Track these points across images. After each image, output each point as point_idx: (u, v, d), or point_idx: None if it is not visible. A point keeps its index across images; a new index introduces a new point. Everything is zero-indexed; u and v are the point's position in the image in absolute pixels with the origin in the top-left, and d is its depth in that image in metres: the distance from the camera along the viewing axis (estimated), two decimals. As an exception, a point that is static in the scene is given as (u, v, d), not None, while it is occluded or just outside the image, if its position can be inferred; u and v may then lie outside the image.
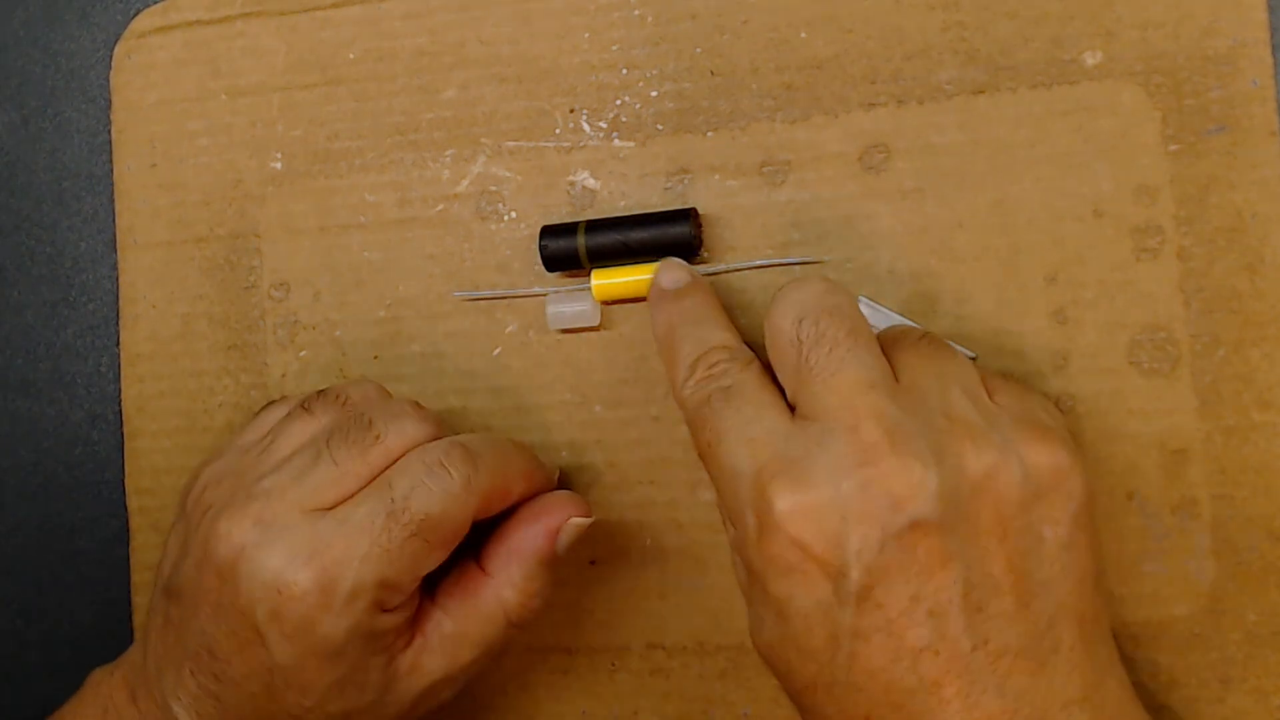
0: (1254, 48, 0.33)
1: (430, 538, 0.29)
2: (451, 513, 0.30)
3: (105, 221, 0.41)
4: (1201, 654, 0.33)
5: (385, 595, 0.29)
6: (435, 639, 0.31)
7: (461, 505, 0.30)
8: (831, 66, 0.36)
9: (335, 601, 0.29)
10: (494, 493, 0.31)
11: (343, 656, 0.29)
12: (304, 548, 0.29)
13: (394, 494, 0.30)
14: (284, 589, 0.29)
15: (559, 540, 0.32)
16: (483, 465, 0.30)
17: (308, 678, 0.29)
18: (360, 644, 0.29)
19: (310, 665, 0.29)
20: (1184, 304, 0.33)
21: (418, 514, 0.29)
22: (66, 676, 0.34)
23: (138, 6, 0.41)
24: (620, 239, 0.35)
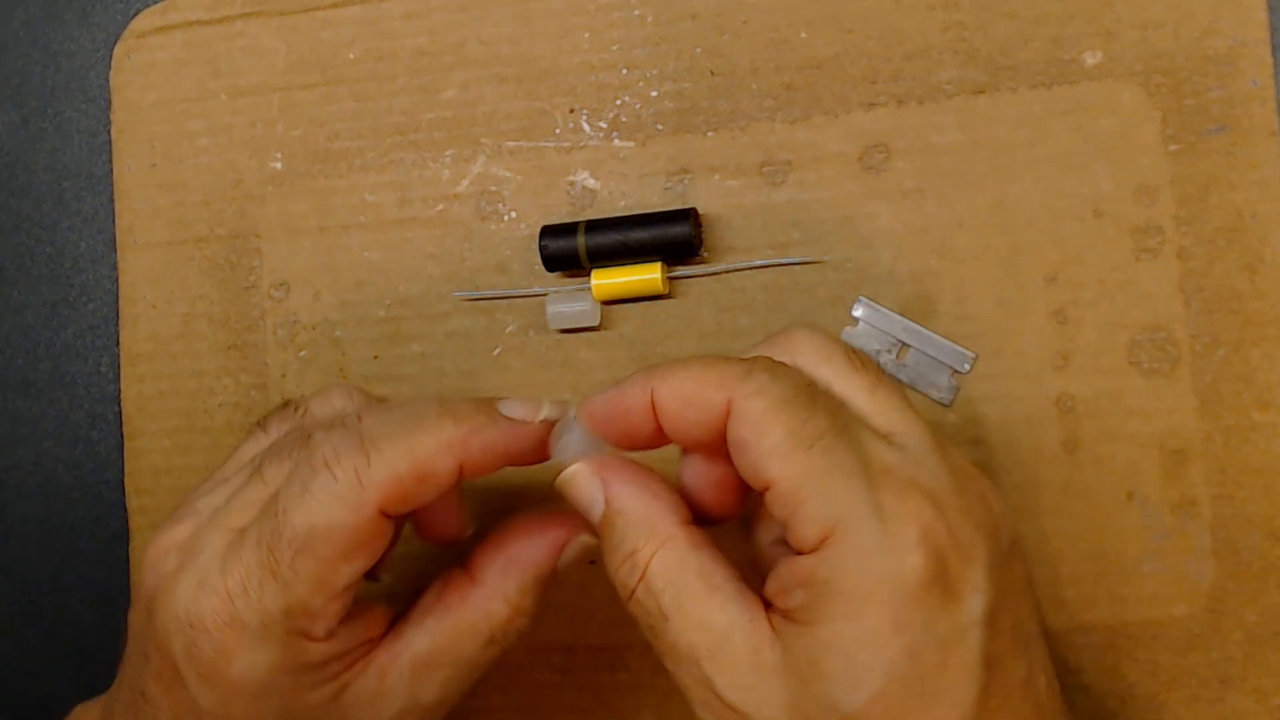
0: (1254, 48, 0.33)
1: (323, 551, 0.25)
2: (340, 519, 0.25)
3: (105, 221, 0.41)
4: (1201, 654, 0.33)
5: (302, 623, 0.26)
6: (404, 660, 0.28)
7: (351, 508, 0.25)
8: (831, 66, 0.36)
9: (246, 636, 0.25)
10: (402, 482, 0.26)
11: (272, 694, 0.26)
12: (213, 575, 0.26)
13: (277, 508, 0.26)
14: (194, 623, 0.26)
15: (563, 556, 0.29)
16: (377, 452, 0.26)
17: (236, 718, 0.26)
18: (291, 679, 0.26)
19: (235, 708, 0.26)
20: (1184, 304, 0.33)
21: (300, 529, 0.25)
22: (66, 676, 0.34)
23: (138, 6, 0.41)
24: (620, 239, 0.35)
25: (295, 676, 0.26)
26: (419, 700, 0.28)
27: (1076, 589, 0.34)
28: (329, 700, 0.27)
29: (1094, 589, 0.34)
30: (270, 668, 0.26)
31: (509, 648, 0.29)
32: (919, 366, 0.35)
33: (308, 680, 0.26)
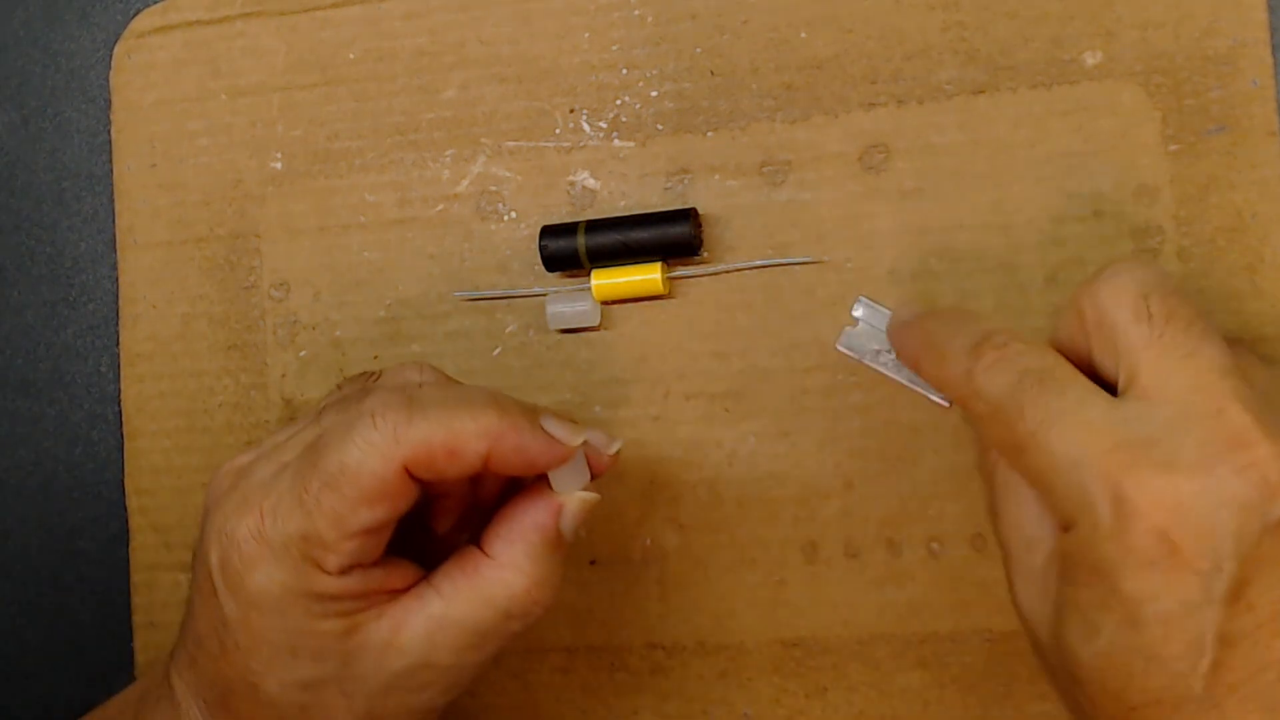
0: (1254, 48, 0.33)
1: (347, 491, 0.27)
2: (369, 464, 0.27)
3: (105, 221, 0.41)
4: (1201, 654, 0.33)
5: (314, 551, 0.27)
6: (419, 618, 0.28)
7: (382, 457, 0.27)
8: (831, 66, 0.36)
9: (268, 552, 0.27)
10: (432, 448, 0.27)
11: (283, 615, 0.27)
12: (254, 495, 0.28)
13: (319, 444, 0.28)
14: (229, 535, 0.28)
15: (563, 518, 0.30)
16: (421, 416, 0.27)
17: (252, 636, 0.28)
18: (302, 604, 0.27)
19: (253, 620, 0.28)
20: (1184, 304, 0.33)
21: (331, 465, 0.27)
22: (66, 676, 0.33)
23: (138, 6, 0.41)
24: (620, 239, 0.35)
25: (306, 602, 0.27)
26: (432, 660, 0.28)
27: (1076, 589, 0.34)
28: (339, 634, 0.28)
29: (1094, 589, 0.34)
30: (284, 587, 0.27)
31: (531, 622, 0.29)
32: (919, 366, 0.35)
33: (318, 608, 0.28)
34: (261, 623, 0.28)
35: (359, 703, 0.28)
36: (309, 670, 0.28)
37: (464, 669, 0.29)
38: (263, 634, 0.28)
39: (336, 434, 0.28)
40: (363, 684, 0.28)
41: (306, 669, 0.28)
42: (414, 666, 0.28)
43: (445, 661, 0.29)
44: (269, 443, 0.31)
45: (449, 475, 0.28)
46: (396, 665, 0.28)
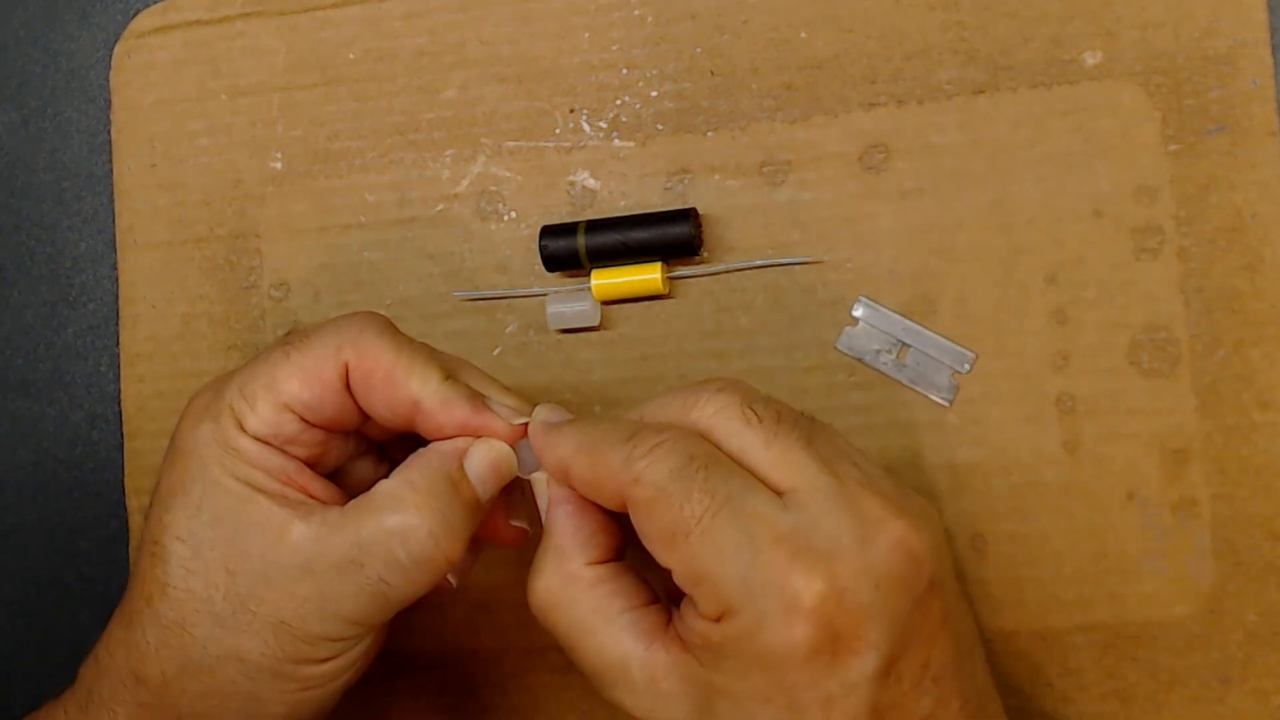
0: (1254, 48, 0.33)
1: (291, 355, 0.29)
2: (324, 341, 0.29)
3: (105, 221, 0.41)
4: (1201, 654, 0.33)
5: (240, 406, 0.29)
6: (314, 519, 0.28)
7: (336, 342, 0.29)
8: (831, 66, 0.36)
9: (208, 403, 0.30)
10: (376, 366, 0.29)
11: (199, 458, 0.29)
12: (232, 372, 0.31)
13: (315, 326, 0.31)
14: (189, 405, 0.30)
15: (469, 460, 0.29)
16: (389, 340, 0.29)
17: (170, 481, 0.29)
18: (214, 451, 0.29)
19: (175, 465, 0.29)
20: (1184, 304, 0.34)
21: (301, 334, 0.30)
22: (66, 676, 0.33)
23: (138, 6, 0.41)
24: (620, 239, 0.35)
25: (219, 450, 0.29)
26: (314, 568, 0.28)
27: (1076, 589, 0.34)
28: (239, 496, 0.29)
29: (1094, 589, 0.34)
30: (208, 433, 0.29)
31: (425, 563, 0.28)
32: (919, 366, 0.35)
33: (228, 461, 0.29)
34: (181, 469, 0.29)
35: (238, 584, 0.28)
36: (205, 528, 0.29)
37: (341, 593, 0.28)
38: (179, 481, 0.29)
39: (323, 324, 0.30)
40: (246, 563, 0.28)
41: (203, 525, 0.29)
42: (296, 568, 0.28)
43: (324, 574, 0.28)
44: None
45: (378, 405, 0.29)
46: (280, 558, 0.28)
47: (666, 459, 0.26)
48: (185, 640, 0.29)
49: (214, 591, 0.28)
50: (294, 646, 0.28)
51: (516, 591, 0.31)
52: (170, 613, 0.29)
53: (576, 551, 0.28)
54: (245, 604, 0.28)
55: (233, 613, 0.28)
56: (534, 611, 0.29)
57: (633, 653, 0.27)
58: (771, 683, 0.25)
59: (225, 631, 0.28)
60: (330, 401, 0.29)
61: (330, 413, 0.30)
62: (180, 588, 0.29)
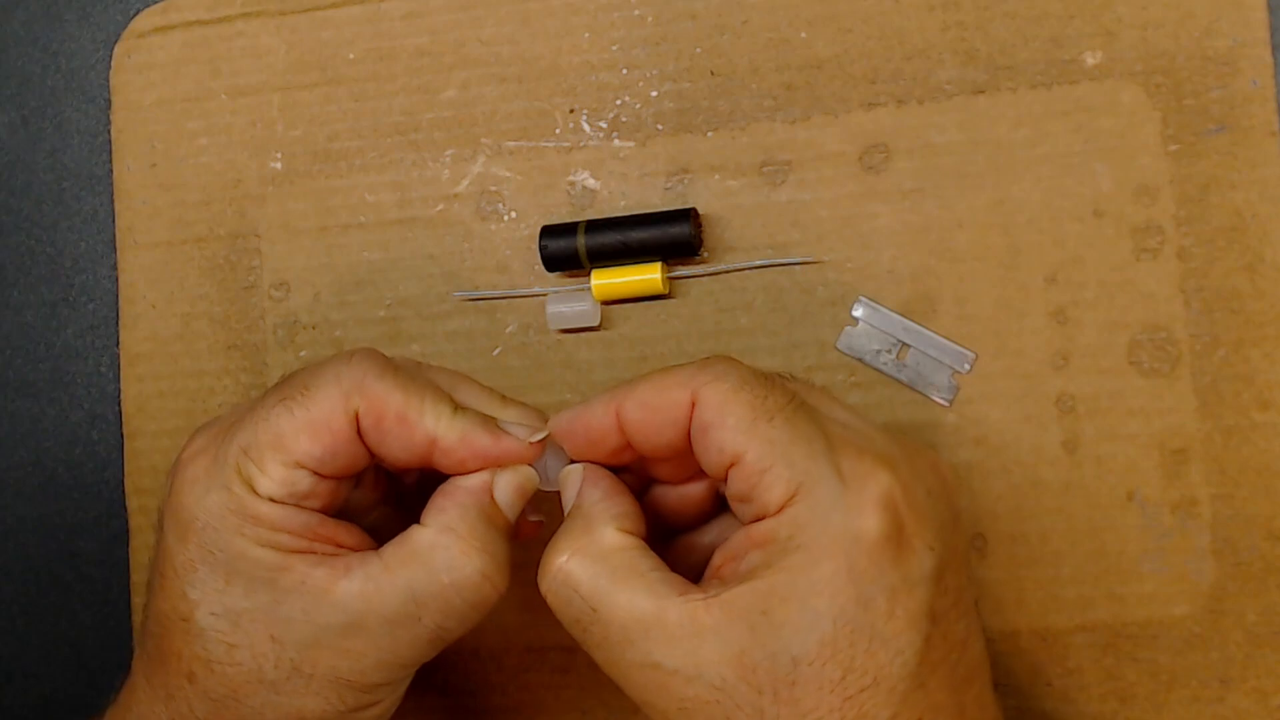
0: (1254, 48, 0.33)
1: (298, 411, 0.28)
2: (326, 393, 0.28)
3: (105, 221, 0.41)
4: (1201, 654, 0.33)
5: (249, 468, 0.28)
6: (357, 575, 0.28)
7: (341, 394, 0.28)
8: (831, 66, 0.36)
9: (210, 466, 0.28)
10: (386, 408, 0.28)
11: (217, 532, 0.27)
12: (216, 423, 0.30)
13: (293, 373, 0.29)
14: (180, 460, 0.29)
15: (496, 489, 0.29)
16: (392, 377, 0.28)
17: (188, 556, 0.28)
18: (234, 522, 0.27)
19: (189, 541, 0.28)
20: (1184, 304, 0.34)
21: (295, 386, 0.28)
22: (66, 676, 0.33)
23: (138, 6, 0.41)
24: (620, 239, 0.35)
25: (238, 520, 0.27)
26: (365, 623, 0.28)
27: (1076, 589, 0.34)
28: (272, 567, 0.28)
29: (1094, 589, 0.34)
30: (219, 503, 0.28)
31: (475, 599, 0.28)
32: (919, 366, 0.35)
33: (250, 531, 0.27)
34: (196, 543, 0.28)
35: (287, 651, 0.27)
36: (240, 600, 0.27)
37: (398, 643, 0.28)
38: (198, 555, 0.28)
39: (311, 366, 0.29)
40: (291, 629, 0.27)
41: (238, 598, 0.27)
42: (346, 625, 0.28)
43: (378, 629, 0.28)
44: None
45: (392, 449, 0.28)
46: (328, 619, 0.27)
47: (744, 364, 0.27)
48: (240, 711, 0.28)
49: (263, 661, 0.27)
50: (354, 698, 0.28)
51: (517, 591, 0.30)
52: (219, 688, 0.28)
53: (607, 519, 0.28)
54: (299, 668, 0.27)
55: (287, 678, 0.27)
56: (548, 583, 0.27)
57: (668, 600, 0.26)
58: (840, 571, 0.24)
59: (282, 696, 0.28)
60: (344, 452, 0.28)
61: (344, 462, 0.28)
62: (225, 662, 0.28)
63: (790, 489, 0.25)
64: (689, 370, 0.27)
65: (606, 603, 0.26)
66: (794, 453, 0.25)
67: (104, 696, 0.34)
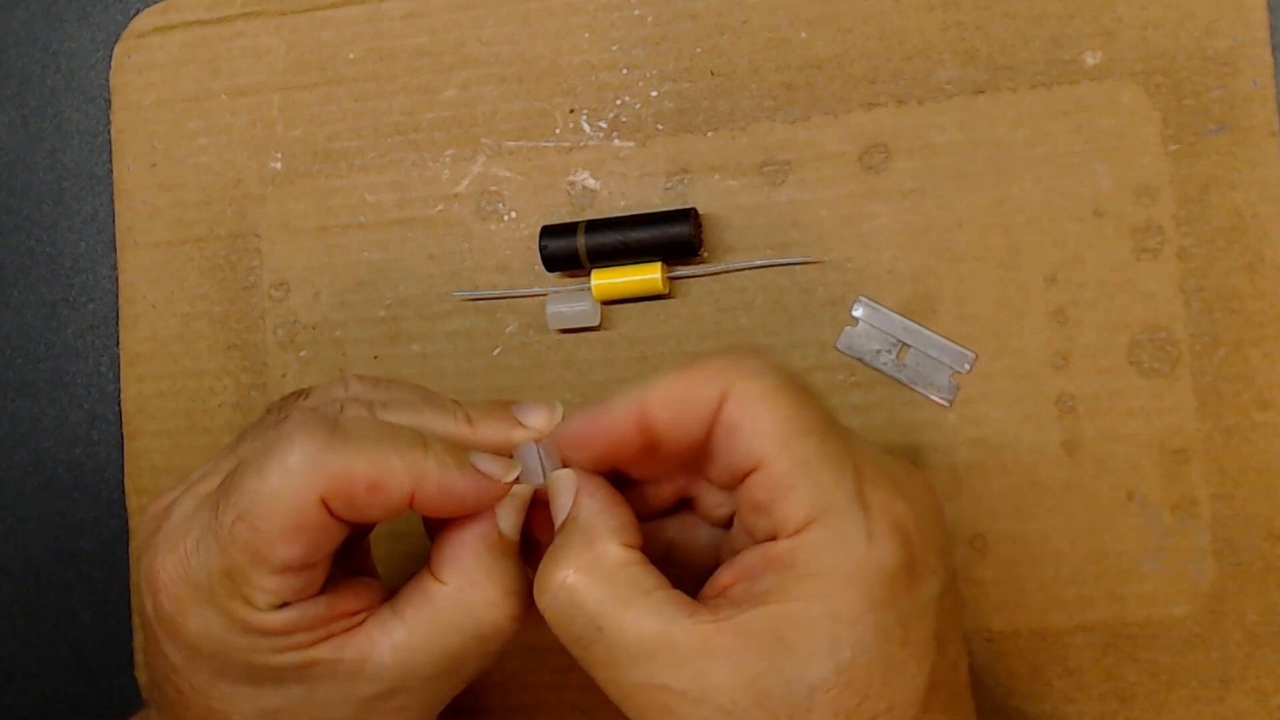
0: (1254, 48, 0.33)
1: (261, 525, 0.25)
2: (284, 494, 0.25)
3: (105, 221, 0.41)
4: (1201, 654, 0.33)
5: (243, 589, 0.25)
6: (385, 645, 0.27)
7: (298, 487, 0.25)
8: (831, 66, 0.36)
9: (195, 593, 0.26)
10: (353, 481, 0.25)
11: (229, 655, 0.26)
12: (175, 535, 0.27)
13: (235, 474, 0.26)
14: (157, 580, 0.26)
15: (500, 520, 0.28)
16: (344, 444, 0.25)
17: (204, 678, 0.27)
18: (246, 641, 0.26)
19: (200, 664, 0.26)
20: (1184, 304, 0.33)
21: (245, 494, 0.25)
22: (66, 676, 0.33)
23: (138, 6, 0.41)
24: (620, 239, 0.35)
25: (250, 639, 0.26)
26: (406, 686, 0.27)
27: (1076, 589, 0.34)
28: (299, 667, 0.27)
29: (1094, 589, 0.34)
30: (221, 627, 0.26)
31: (510, 636, 0.28)
32: (919, 366, 0.35)
33: (265, 644, 0.26)
34: (210, 665, 0.26)
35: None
36: (273, 700, 0.27)
37: (440, 692, 0.28)
38: (214, 675, 0.27)
39: (253, 463, 0.26)
40: (333, 710, 0.27)
41: (270, 699, 0.27)
42: (387, 692, 0.27)
43: (419, 687, 0.27)
44: (192, 475, 0.29)
45: (371, 514, 0.26)
46: (367, 691, 0.27)
47: (782, 366, 0.26)
48: None
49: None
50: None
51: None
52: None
53: (608, 534, 0.27)
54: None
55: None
56: (548, 600, 0.26)
57: (676, 620, 0.25)
58: (860, 599, 0.24)
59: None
60: (325, 539, 0.26)
61: (329, 546, 0.27)
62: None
63: (813, 513, 0.25)
64: (720, 364, 0.26)
65: (612, 623, 0.25)
66: (822, 475, 0.25)
67: (104, 697, 0.34)
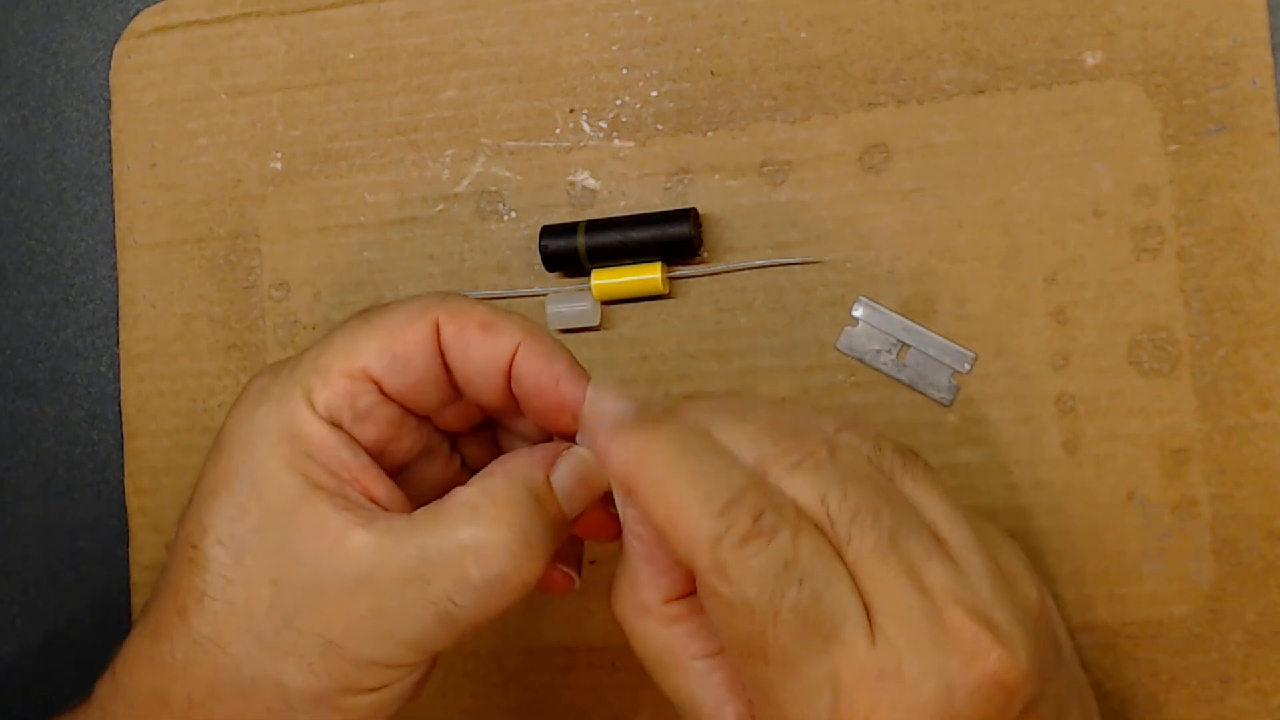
0: (1254, 48, 0.33)
1: (376, 319, 0.27)
2: (407, 307, 0.27)
3: (105, 221, 0.41)
4: (1201, 654, 0.33)
5: (312, 379, 0.26)
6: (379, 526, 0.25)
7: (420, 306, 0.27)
8: (831, 66, 0.36)
9: (271, 383, 0.27)
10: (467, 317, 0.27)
11: (251, 452, 0.26)
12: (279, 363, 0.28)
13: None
14: (247, 386, 0.27)
15: (556, 472, 0.27)
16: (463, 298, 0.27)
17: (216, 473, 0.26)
18: (271, 439, 0.26)
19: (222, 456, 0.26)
20: (1184, 304, 0.34)
21: (382, 305, 0.27)
22: (66, 676, 0.33)
23: (138, 6, 0.41)
24: (620, 239, 0.35)
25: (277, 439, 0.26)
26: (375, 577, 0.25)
27: (1076, 589, 0.34)
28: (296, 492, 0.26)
29: (1094, 589, 0.34)
30: (266, 418, 0.26)
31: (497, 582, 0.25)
32: (919, 366, 0.35)
33: (285, 449, 0.26)
34: (227, 461, 0.26)
35: (284, 597, 0.25)
36: (250, 533, 0.25)
37: (403, 611, 0.25)
38: (224, 475, 0.26)
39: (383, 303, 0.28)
40: (295, 572, 0.25)
41: (249, 529, 0.25)
42: (352, 580, 0.25)
43: (384, 590, 0.25)
44: None
45: (475, 359, 0.26)
46: (336, 567, 0.25)
47: (760, 558, 0.23)
48: (219, 659, 0.25)
49: (256, 605, 0.25)
50: (341, 671, 0.25)
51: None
52: (204, 626, 0.26)
53: (650, 585, 0.26)
54: (291, 620, 0.25)
55: (275, 630, 0.25)
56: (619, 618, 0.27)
57: (705, 704, 0.25)
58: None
59: (265, 651, 0.25)
60: (415, 365, 0.26)
61: (414, 377, 0.26)
62: (218, 599, 0.25)
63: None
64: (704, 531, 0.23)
65: (653, 675, 0.27)
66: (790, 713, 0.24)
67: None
